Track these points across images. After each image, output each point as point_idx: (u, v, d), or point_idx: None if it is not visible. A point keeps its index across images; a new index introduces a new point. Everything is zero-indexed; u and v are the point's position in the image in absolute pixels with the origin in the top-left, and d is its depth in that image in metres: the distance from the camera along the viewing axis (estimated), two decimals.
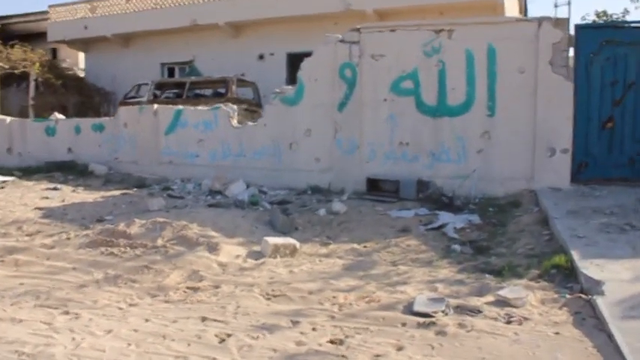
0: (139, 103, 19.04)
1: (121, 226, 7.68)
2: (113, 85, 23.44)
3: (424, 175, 9.56)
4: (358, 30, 9.95)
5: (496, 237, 7.38)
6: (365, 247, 7.25)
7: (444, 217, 8.14)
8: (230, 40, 22.23)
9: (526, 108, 9.01)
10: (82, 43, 25.14)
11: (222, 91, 18.13)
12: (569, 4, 9.17)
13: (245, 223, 8.07)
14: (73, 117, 18.91)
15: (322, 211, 8.82)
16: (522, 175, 9.09)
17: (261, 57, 21.98)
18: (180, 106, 12.34)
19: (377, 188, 9.83)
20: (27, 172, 12.86)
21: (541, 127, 8.93)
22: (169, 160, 11.98)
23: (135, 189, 10.91)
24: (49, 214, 9.00)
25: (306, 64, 10.47)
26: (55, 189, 10.94)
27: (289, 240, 7.04)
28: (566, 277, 5.62)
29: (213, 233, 7.45)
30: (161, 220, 7.77)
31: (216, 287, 5.75)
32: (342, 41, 10.01)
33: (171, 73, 23.95)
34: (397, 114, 9.76)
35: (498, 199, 8.96)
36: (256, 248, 7.05)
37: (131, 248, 7.03)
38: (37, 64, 21.57)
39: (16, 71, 21.10)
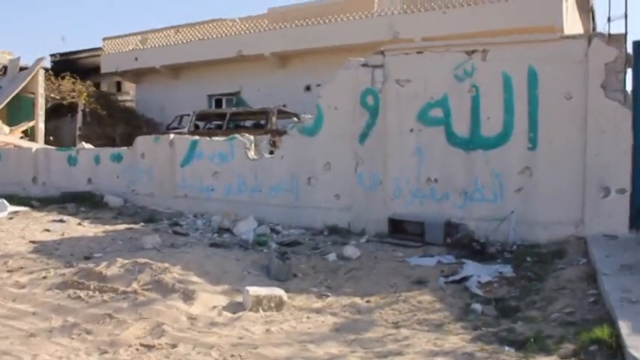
0: (180, 134, 18.76)
1: (101, 267, 6.90)
2: (162, 116, 23.33)
3: (454, 216, 8.31)
4: (382, 52, 8.92)
5: (529, 295, 6.04)
6: (368, 301, 6.10)
7: (470, 267, 6.86)
8: (276, 71, 21.73)
9: (574, 140, 7.66)
10: (134, 75, 25.29)
11: (263, 122, 17.45)
12: (625, 17, 7.71)
13: (237, 267, 7.07)
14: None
15: (332, 256, 7.72)
16: (569, 218, 7.69)
17: (307, 88, 21.35)
18: (197, 137, 11.61)
19: (401, 230, 8.65)
20: (45, 202, 12.42)
21: (592, 163, 7.54)
22: (184, 194, 11.19)
23: (142, 224, 10.16)
24: (40, 248, 8.38)
25: (324, 90, 9.53)
26: (60, 221, 10.35)
27: (275, 291, 5.96)
28: (609, 357, 4.29)
29: (195, 279, 6.51)
30: (142, 261, 6.91)
31: (173, 346, 4.84)
32: (364, 65, 9.00)
33: (218, 104, 23.69)
34: (425, 146, 8.60)
35: (539, 247, 7.59)
36: (239, 298, 6.03)
37: (100, 292, 6.22)
38: (84, 95, 21.66)
39: (64, 102, 21.25)
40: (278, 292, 5.96)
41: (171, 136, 11.64)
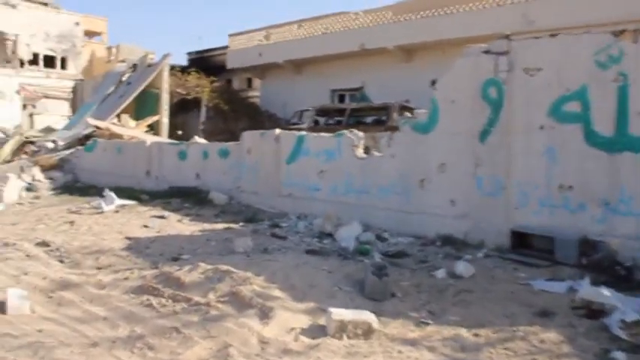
0: (300, 129, 18.40)
1: (181, 272, 6.47)
2: (284, 111, 23.18)
3: (592, 231, 6.91)
4: (507, 37, 7.67)
5: None
6: (476, 335, 5.03)
7: (612, 298, 5.51)
8: (401, 65, 20.73)
9: None
10: (258, 70, 25.39)
11: (384, 118, 16.55)
12: None
13: (327, 281, 6.24)
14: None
15: (441, 273, 6.68)
16: None
17: (434, 83, 20.03)
18: (304, 132, 10.93)
19: (525, 245, 7.41)
20: (153, 197, 12.43)
21: None
22: (289, 193, 10.58)
23: (242, 224, 9.69)
24: (132, 245, 8.18)
25: (441, 82, 8.45)
26: (161, 217, 10.18)
27: (364, 315, 5.06)
28: None
29: (276, 292, 5.79)
30: (224, 268, 6.33)
31: None
32: (486, 52, 7.80)
33: (341, 99, 23.12)
34: (557, 146, 7.25)
35: None
36: (323, 320, 5.21)
37: (173, 302, 5.77)
38: (207, 90, 21.98)
39: (188, 97, 21.71)
40: (367, 316, 5.05)
41: (277, 131, 11.07)
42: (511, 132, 7.62)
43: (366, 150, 9.90)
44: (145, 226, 9.41)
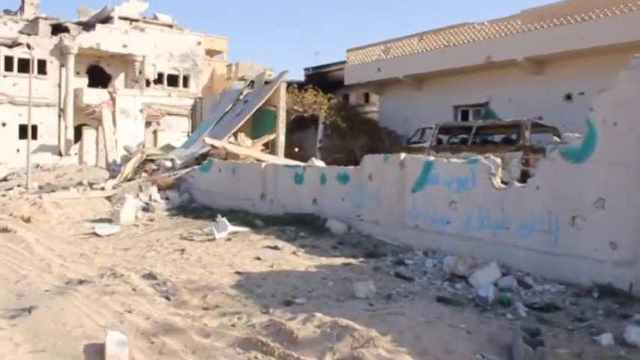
0: (421, 148, 17.33)
1: (295, 322, 5.67)
2: (405, 128, 22.20)
3: None
4: None
5: None
6: None
7: None
8: (531, 78, 19.08)
9: None
10: (377, 86, 24.60)
11: (514, 137, 15.10)
12: None
13: (466, 345, 5.18)
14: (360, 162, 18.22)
15: (607, 338, 5.42)
16: None
17: (568, 97, 18.37)
18: (432, 157, 9.85)
19: None
20: (268, 222, 11.80)
21: None
22: (415, 224, 9.54)
23: (362, 259, 8.78)
24: (243, 282, 7.51)
25: (599, 100, 7.10)
26: (275, 247, 9.49)
27: None
28: None
29: None
30: (344, 323, 5.45)
31: None
32: None
33: (464, 115, 21.77)
34: None
35: None
36: None
37: None
38: (325, 107, 21.45)
39: (305, 114, 21.30)
40: None
41: (402, 155, 10.07)
42: None
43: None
44: (258, 259, 8.77)
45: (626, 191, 6.77)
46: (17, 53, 32.31)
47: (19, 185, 20.40)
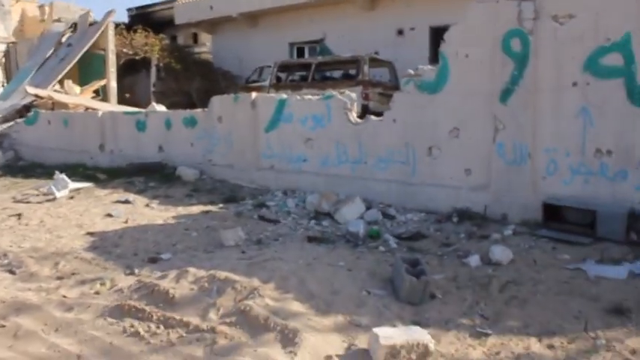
0: (260, 87, 17.01)
1: (168, 281, 5.24)
2: (240, 68, 21.63)
3: (637, 201, 6.10)
4: None
5: None
6: (550, 346, 4.14)
7: None
8: (364, 15, 19.40)
9: None
10: (209, 25, 23.59)
11: (353, 72, 15.34)
12: None
13: (350, 283, 5.19)
14: (197, 104, 17.41)
15: (474, 260, 5.75)
16: None
17: (400, 32, 18.98)
18: (285, 95, 9.66)
19: (559, 218, 6.54)
20: (111, 175, 10.94)
21: None
22: (270, 165, 9.39)
23: (221, 205, 8.47)
24: (97, 244, 6.79)
25: (452, 33, 7.33)
26: (125, 202, 8.81)
27: (417, 335, 4.04)
28: None
29: (295, 306, 4.69)
30: (222, 275, 5.14)
31: None
32: None
33: (300, 53, 21.67)
34: (594, 106, 6.34)
35: None
36: (360, 340, 4.20)
37: (165, 327, 4.44)
38: (157, 49, 20.18)
39: (137, 57, 19.88)
40: (420, 336, 4.03)
41: (254, 94, 9.76)
42: (538, 90, 6.66)
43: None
44: (109, 215, 8.04)
45: (478, 120, 7.14)
46: None
47: None
